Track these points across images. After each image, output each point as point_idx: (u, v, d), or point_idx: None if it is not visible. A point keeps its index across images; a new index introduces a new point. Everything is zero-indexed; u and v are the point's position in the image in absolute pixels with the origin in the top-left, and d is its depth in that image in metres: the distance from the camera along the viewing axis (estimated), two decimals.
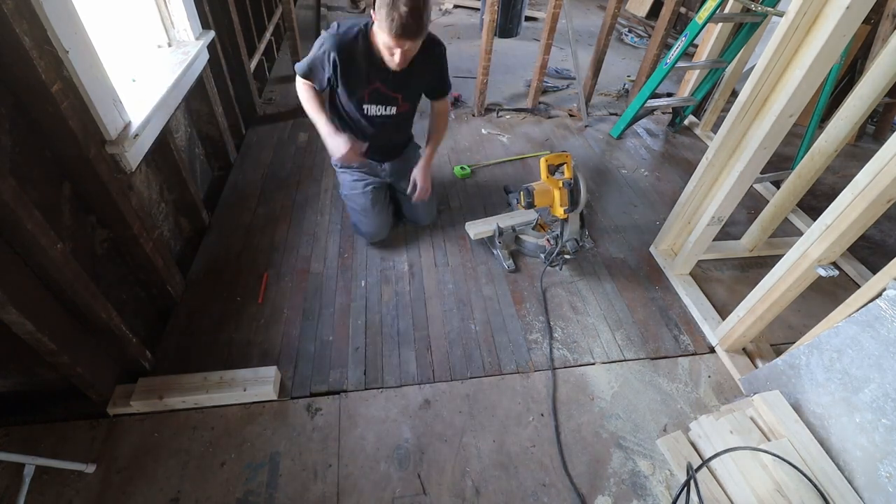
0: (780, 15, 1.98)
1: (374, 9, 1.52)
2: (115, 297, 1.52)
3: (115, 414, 1.48)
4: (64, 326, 1.27)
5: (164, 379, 1.54)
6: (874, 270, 1.78)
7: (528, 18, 5.02)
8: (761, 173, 1.83)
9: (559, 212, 1.98)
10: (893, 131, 2.07)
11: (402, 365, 1.71)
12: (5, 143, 1.12)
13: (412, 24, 1.47)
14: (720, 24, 2.88)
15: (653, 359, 1.81)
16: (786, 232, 2.44)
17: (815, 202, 2.67)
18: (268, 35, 3.43)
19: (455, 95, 3.48)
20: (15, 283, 1.10)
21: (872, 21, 3.17)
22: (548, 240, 2.10)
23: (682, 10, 4.65)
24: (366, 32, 1.71)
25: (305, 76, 1.81)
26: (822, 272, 1.43)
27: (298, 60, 2.91)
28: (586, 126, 3.36)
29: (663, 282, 2.14)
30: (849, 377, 1.31)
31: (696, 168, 1.94)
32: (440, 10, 5.36)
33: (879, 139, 3.61)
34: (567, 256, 2.15)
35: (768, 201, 2.20)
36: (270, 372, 1.58)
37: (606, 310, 1.99)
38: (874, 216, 1.31)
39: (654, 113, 3.47)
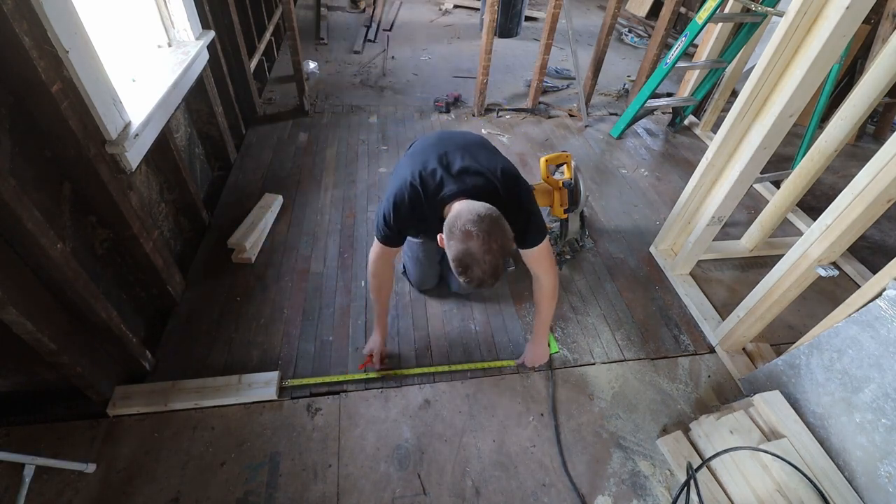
0: (780, 15, 1.98)
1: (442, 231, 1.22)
2: (115, 297, 1.52)
3: (114, 415, 1.48)
4: (64, 326, 1.27)
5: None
6: (874, 270, 1.78)
7: (528, 18, 5.02)
8: (761, 173, 1.83)
9: (559, 212, 1.98)
10: (893, 131, 2.07)
11: (402, 365, 1.71)
12: (5, 143, 1.12)
13: (490, 281, 1.18)
14: (720, 24, 2.88)
15: (653, 359, 1.81)
16: (786, 232, 2.44)
17: (815, 202, 2.67)
18: (268, 35, 3.43)
19: (455, 95, 3.48)
20: (15, 283, 1.10)
21: (872, 21, 3.18)
22: (548, 240, 2.10)
23: (682, 10, 4.65)
24: (426, 195, 1.34)
25: (388, 243, 1.46)
26: (822, 272, 1.43)
27: (299, 61, 2.94)
28: (586, 126, 3.36)
29: (663, 282, 2.14)
30: (849, 377, 1.31)
31: (696, 168, 1.94)
32: (440, 10, 5.36)
33: (879, 139, 3.61)
34: (567, 256, 2.15)
35: (768, 201, 2.20)
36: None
37: (606, 310, 1.99)
38: (874, 216, 1.31)
39: (654, 113, 3.47)
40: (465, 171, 1.35)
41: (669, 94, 3.58)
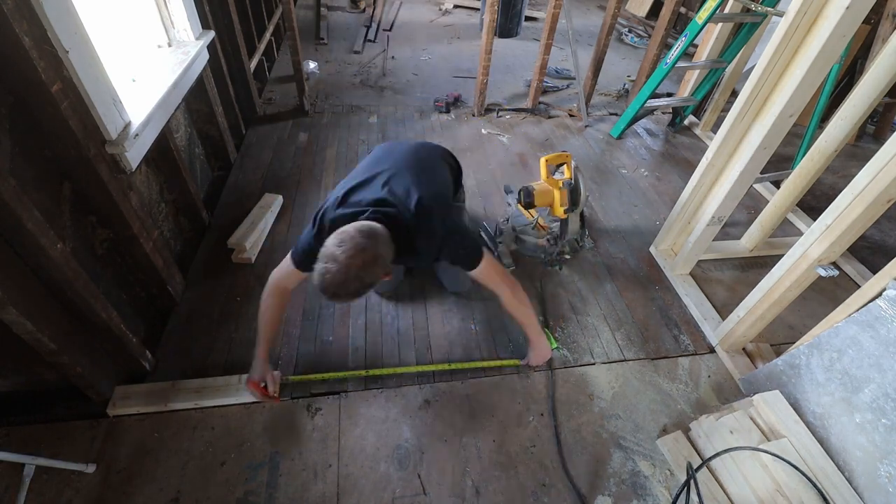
0: (780, 15, 1.98)
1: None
2: (115, 297, 1.52)
3: (114, 415, 1.48)
4: (64, 326, 1.27)
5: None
6: (874, 270, 1.78)
7: (528, 18, 5.02)
8: (761, 173, 1.83)
9: (559, 212, 1.98)
10: (893, 131, 2.07)
11: (402, 365, 1.71)
12: (5, 143, 1.12)
13: (331, 291, 1.20)
14: (720, 24, 2.88)
15: (653, 359, 1.81)
16: (786, 232, 2.44)
17: (815, 202, 2.67)
18: (268, 35, 3.43)
19: (455, 95, 3.48)
20: (15, 283, 1.10)
21: (872, 21, 3.18)
22: (547, 240, 2.11)
23: (682, 10, 4.65)
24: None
25: (302, 266, 1.43)
26: (822, 272, 1.43)
27: (299, 61, 2.94)
28: (586, 126, 3.36)
29: (663, 282, 2.14)
30: (849, 377, 1.31)
31: (696, 168, 1.94)
32: (440, 10, 5.36)
33: (879, 139, 3.61)
34: (567, 256, 2.15)
35: (768, 201, 2.20)
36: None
37: (606, 310, 1.99)
38: (874, 216, 1.31)
39: (654, 113, 3.47)
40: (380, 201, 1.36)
41: (669, 94, 3.58)
